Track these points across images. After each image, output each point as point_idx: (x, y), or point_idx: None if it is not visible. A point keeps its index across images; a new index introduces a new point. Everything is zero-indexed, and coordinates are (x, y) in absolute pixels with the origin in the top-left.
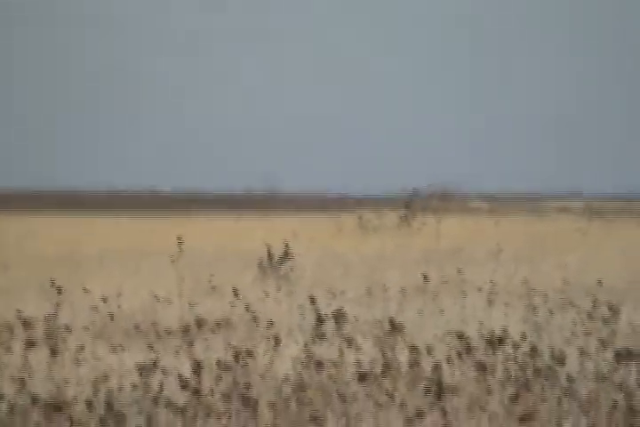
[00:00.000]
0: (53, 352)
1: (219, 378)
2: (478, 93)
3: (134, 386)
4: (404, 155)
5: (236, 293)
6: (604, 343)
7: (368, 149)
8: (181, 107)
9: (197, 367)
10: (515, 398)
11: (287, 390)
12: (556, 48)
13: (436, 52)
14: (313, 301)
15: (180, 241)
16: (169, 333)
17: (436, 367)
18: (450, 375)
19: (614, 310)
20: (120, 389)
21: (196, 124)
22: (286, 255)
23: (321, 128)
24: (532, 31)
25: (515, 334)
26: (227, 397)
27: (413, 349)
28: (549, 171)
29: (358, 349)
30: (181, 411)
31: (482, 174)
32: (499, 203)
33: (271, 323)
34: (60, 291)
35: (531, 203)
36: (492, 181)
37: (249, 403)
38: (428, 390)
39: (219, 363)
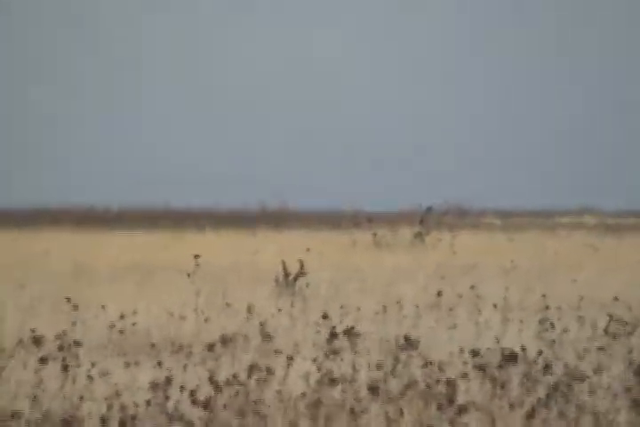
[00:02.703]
0: (66, 369)
1: (233, 394)
2: (491, 109)
3: (148, 402)
4: (417, 171)
5: (250, 309)
6: (620, 359)
7: (381, 165)
8: (192, 122)
9: (212, 384)
10: (530, 415)
11: (301, 406)
12: (568, 61)
13: (448, 68)
14: (327, 317)
15: (195, 257)
16: (183, 349)
17: (451, 384)
18: (464, 392)
19: (630, 326)
20: (134, 405)
21: (208, 141)
22: (301, 272)
23: (334, 144)
24: (545, 45)
25: (530, 350)
26: (241, 413)
27: (428, 365)
28: (562, 187)
29: (372, 365)
30: None
31: (495, 191)
32: (512, 219)
33: (285, 339)
34: (75, 308)
35: (544, 219)
36: (505, 198)
37: (263, 420)
38: (442, 407)
39: (233, 379)
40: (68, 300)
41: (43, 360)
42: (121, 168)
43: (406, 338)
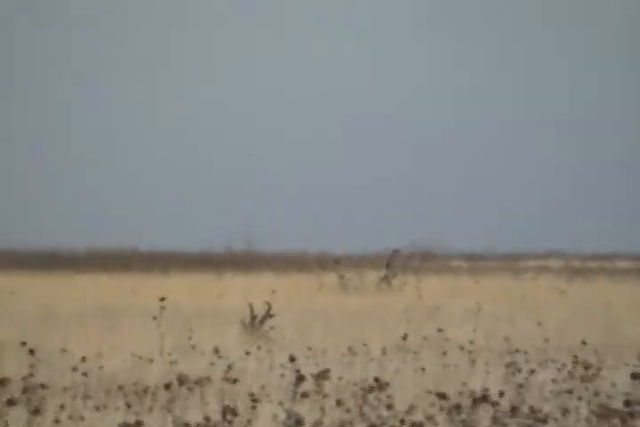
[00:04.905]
0: (34, 412)
1: None
2: (457, 153)
3: None
4: (384, 214)
5: (217, 351)
6: (584, 402)
7: (348, 208)
8: (161, 165)
9: (179, 426)
10: None
11: None
12: (542, 114)
13: (421, 112)
14: (293, 360)
15: (160, 299)
16: (150, 391)
17: (418, 426)
18: None
19: (594, 369)
20: None
21: (174, 183)
22: (268, 314)
23: (300, 187)
24: (518, 97)
25: (495, 392)
26: None
27: (394, 408)
28: (528, 230)
29: (340, 407)
30: None
31: (461, 234)
32: (478, 262)
33: (252, 382)
34: (32, 351)
35: (510, 262)
36: (471, 241)
37: None
38: None
39: (200, 422)
40: (33, 342)
41: (9, 403)
42: (87, 211)
43: (376, 380)
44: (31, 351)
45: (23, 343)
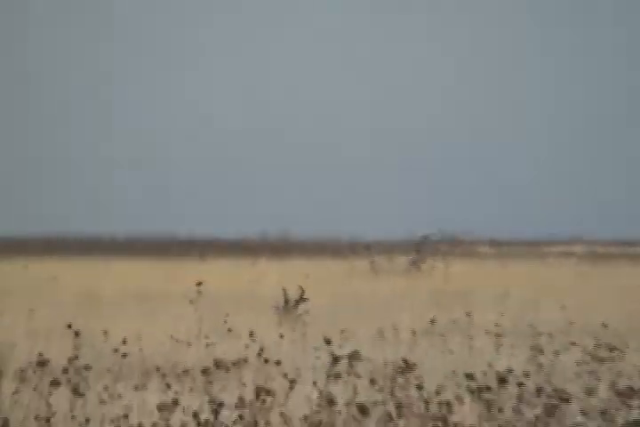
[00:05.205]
0: (76, 392)
1: (236, 417)
2: (485, 140)
3: (154, 425)
4: (413, 200)
5: (252, 334)
6: (607, 382)
7: (379, 194)
8: (196, 153)
9: (215, 407)
10: None
11: None
12: (556, 100)
13: (449, 101)
14: (328, 342)
15: (197, 284)
16: (188, 373)
17: (446, 406)
18: (459, 414)
19: (617, 351)
20: None
21: (210, 170)
22: (301, 298)
23: (333, 173)
24: (534, 71)
25: (520, 373)
26: None
27: (423, 388)
28: (553, 216)
29: (372, 386)
30: None
31: (489, 220)
32: (504, 248)
33: (286, 364)
34: (77, 334)
35: (535, 248)
36: (498, 227)
37: None
38: None
39: (237, 402)
40: (76, 326)
41: (53, 383)
42: (125, 197)
43: (404, 361)
44: (77, 334)
45: (69, 326)
